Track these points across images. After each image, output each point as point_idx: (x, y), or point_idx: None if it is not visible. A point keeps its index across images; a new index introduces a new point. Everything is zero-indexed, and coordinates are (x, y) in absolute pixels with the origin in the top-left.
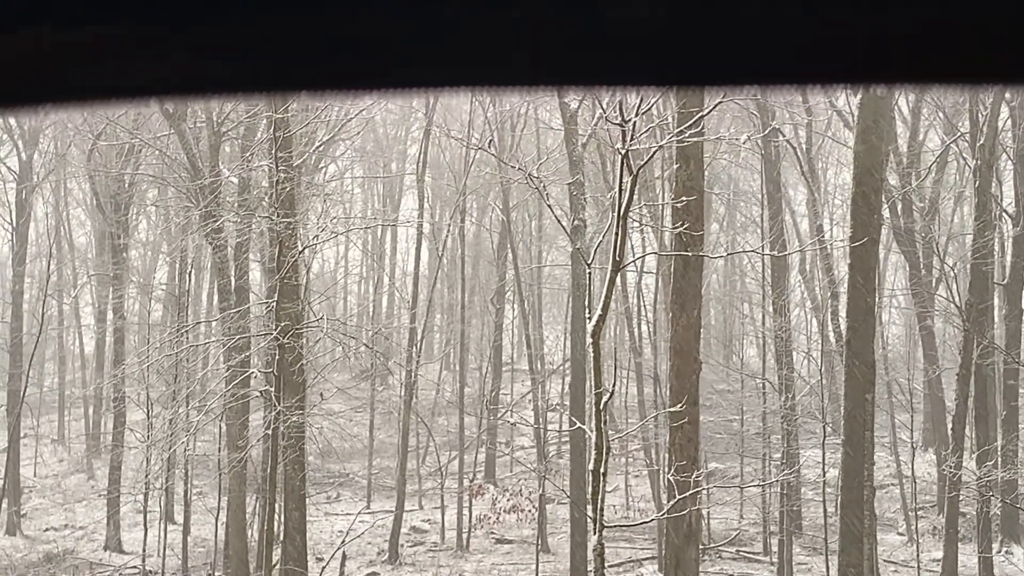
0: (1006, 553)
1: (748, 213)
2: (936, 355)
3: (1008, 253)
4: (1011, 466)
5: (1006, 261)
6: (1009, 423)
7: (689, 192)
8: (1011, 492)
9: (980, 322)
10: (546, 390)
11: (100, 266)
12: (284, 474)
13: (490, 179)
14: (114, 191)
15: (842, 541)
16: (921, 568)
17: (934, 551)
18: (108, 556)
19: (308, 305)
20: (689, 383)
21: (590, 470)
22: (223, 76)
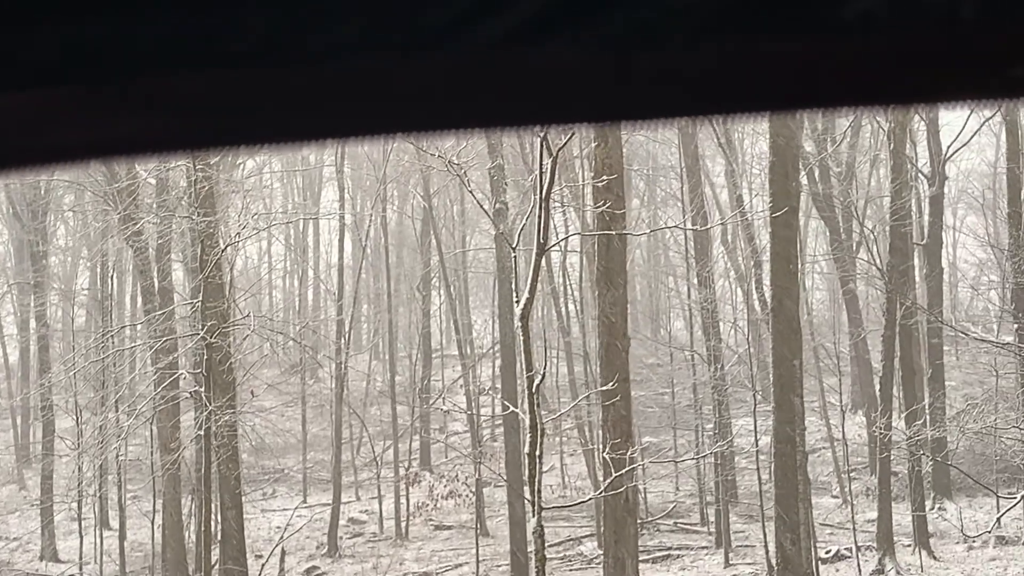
0: (939, 509)
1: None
2: (860, 318)
3: (926, 213)
4: (939, 424)
5: (924, 221)
6: (935, 381)
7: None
8: (941, 449)
9: (902, 283)
10: (477, 374)
11: (20, 274)
12: (218, 473)
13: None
14: (30, 198)
15: (777, 507)
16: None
17: (868, 512)
18: (44, 566)
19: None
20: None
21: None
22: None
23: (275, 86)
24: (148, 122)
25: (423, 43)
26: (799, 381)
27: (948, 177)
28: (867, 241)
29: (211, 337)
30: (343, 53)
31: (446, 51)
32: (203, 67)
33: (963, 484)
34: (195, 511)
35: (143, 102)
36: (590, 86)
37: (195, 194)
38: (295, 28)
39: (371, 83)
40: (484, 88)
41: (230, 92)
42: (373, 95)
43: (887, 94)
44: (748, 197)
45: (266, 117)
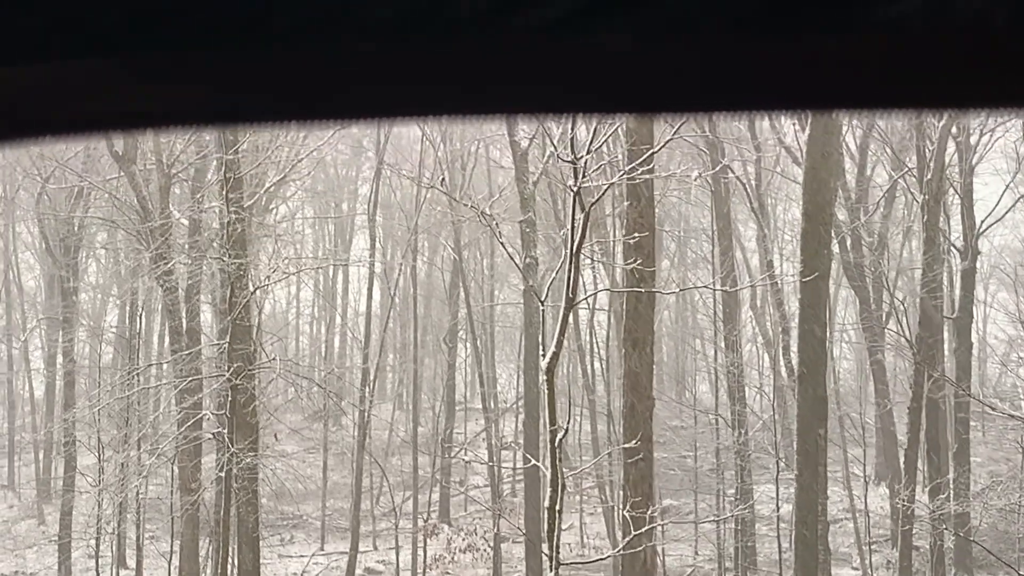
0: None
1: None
2: (887, 389)
3: (957, 287)
4: (963, 499)
5: (955, 295)
6: (960, 456)
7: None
8: (963, 525)
9: (930, 356)
10: (500, 428)
11: (50, 310)
12: (237, 517)
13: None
14: (63, 234)
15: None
16: None
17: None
18: None
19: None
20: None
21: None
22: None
23: (315, 65)
24: (190, 94)
25: (464, 28)
26: (823, 450)
27: (981, 252)
28: (897, 312)
29: (236, 379)
30: (386, 34)
31: (486, 36)
32: (247, 44)
33: (985, 561)
34: (212, 553)
35: (188, 75)
36: (628, 75)
37: (227, 236)
38: (338, 9)
39: (410, 65)
40: (521, 74)
41: (272, 70)
42: (412, 77)
43: (917, 98)
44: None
45: (305, 95)
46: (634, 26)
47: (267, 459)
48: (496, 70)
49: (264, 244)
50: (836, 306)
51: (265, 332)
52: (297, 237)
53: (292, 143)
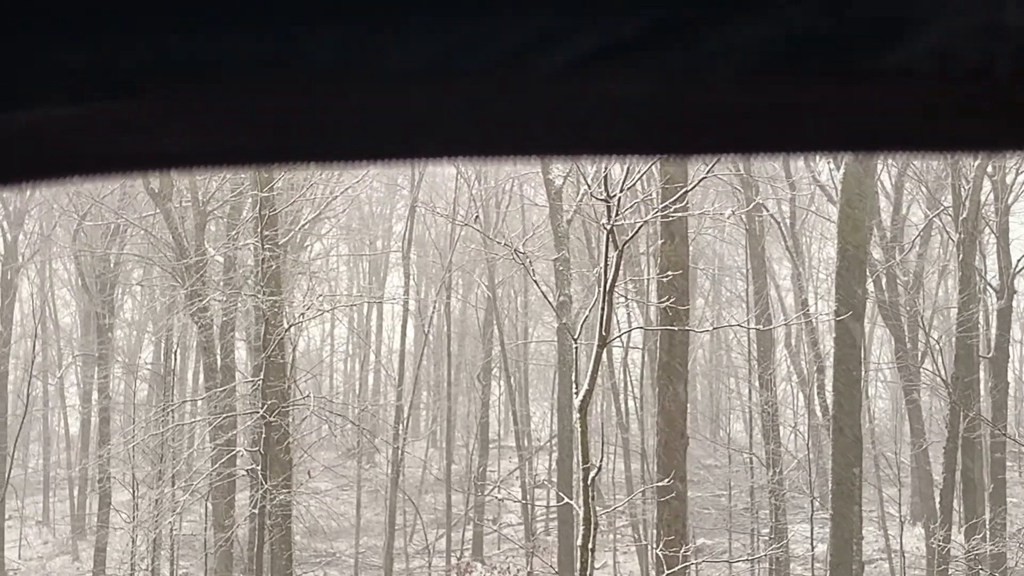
0: None
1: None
2: (923, 428)
3: (993, 326)
4: (999, 539)
5: (991, 334)
6: (997, 496)
7: (674, 267)
8: (999, 566)
9: (966, 395)
10: (533, 466)
11: (85, 346)
12: (271, 554)
13: (476, 255)
14: (99, 271)
15: None
16: None
17: None
18: None
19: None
20: (676, 458)
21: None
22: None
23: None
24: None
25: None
26: (858, 490)
27: (1017, 291)
28: (932, 351)
29: (270, 416)
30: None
31: (499, 83)
32: (269, 86)
33: None
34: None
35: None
36: (639, 121)
37: (262, 273)
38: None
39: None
40: (535, 119)
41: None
42: (425, 121)
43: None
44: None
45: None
46: (643, 73)
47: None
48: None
49: (299, 281)
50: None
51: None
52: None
53: (327, 181)
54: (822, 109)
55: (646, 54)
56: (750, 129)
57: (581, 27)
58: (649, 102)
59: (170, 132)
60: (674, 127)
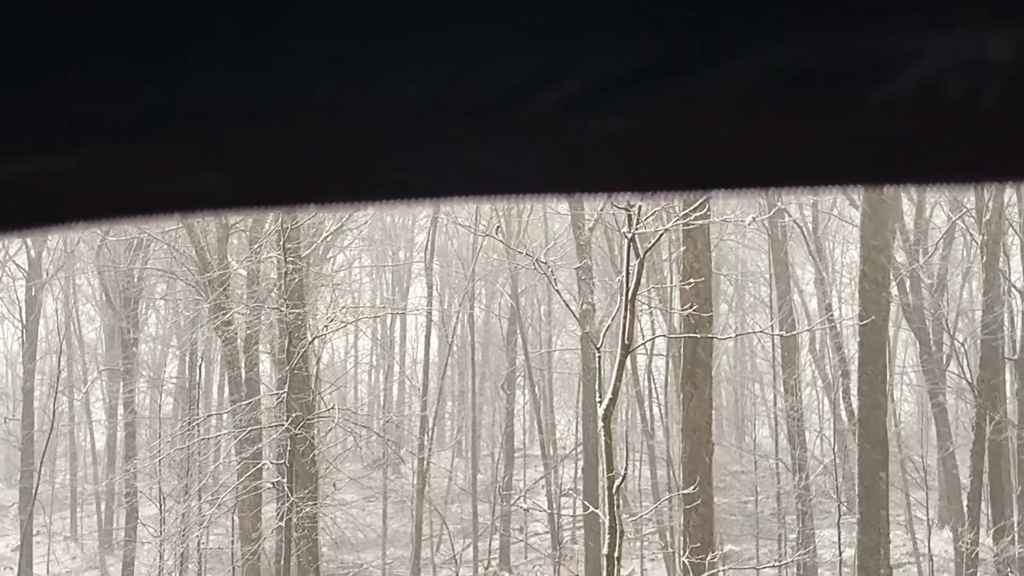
0: None
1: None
2: (949, 432)
3: (1018, 328)
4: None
5: (1016, 336)
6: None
7: (697, 274)
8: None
9: (992, 398)
10: (559, 475)
11: (110, 361)
12: (298, 566)
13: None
14: (123, 286)
15: None
16: None
17: None
18: None
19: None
20: (703, 465)
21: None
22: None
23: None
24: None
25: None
26: (885, 494)
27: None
28: (957, 354)
29: (295, 429)
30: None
31: (498, 120)
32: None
33: None
34: None
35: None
36: (633, 158)
37: (285, 286)
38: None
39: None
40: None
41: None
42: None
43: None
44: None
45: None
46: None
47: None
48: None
49: (322, 293)
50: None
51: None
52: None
53: None
54: (811, 143)
55: (637, 91)
56: (741, 164)
57: (571, 66)
58: (642, 139)
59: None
60: (667, 163)
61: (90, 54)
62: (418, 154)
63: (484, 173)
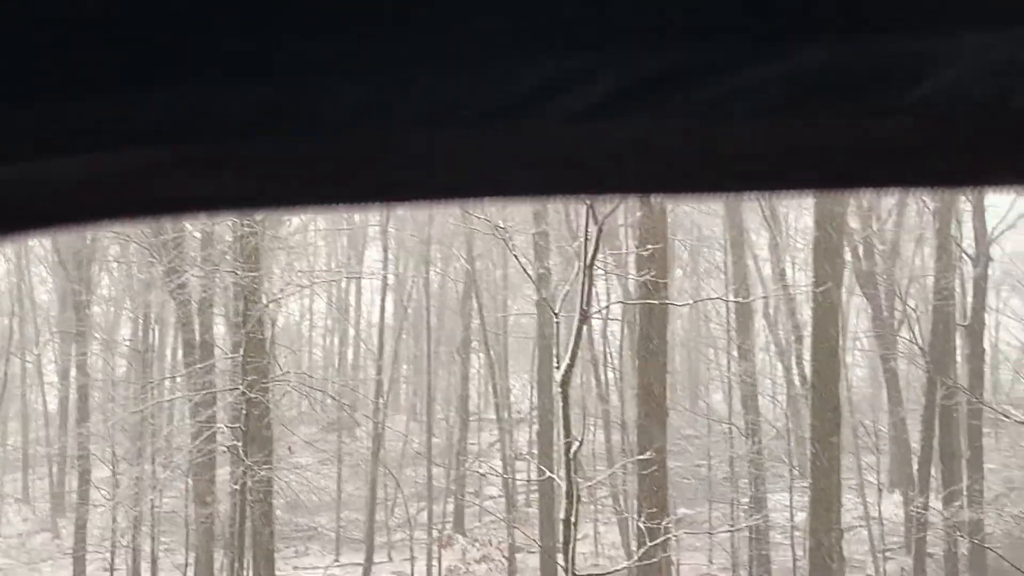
0: None
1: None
2: (900, 397)
3: (969, 294)
4: (977, 506)
5: (967, 302)
6: (974, 463)
7: (653, 239)
8: (978, 532)
9: (943, 363)
10: (514, 439)
11: (63, 323)
12: (252, 529)
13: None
14: (76, 248)
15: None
16: None
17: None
18: None
19: (274, 359)
20: (657, 429)
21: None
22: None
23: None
24: (241, 182)
25: (495, 118)
26: (837, 458)
27: (992, 259)
28: (909, 320)
29: (251, 392)
30: (425, 124)
31: (521, 124)
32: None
33: (998, 568)
34: (227, 566)
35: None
36: (658, 161)
37: (240, 249)
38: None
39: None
40: (553, 160)
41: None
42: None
43: (939, 176)
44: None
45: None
46: (661, 113)
47: (281, 471)
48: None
49: (277, 257)
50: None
51: (278, 345)
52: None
53: None
54: (837, 146)
55: (663, 94)
56: (770, 166)
57: (598, 69)
58: (668, 142)
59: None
60: (694, 166)
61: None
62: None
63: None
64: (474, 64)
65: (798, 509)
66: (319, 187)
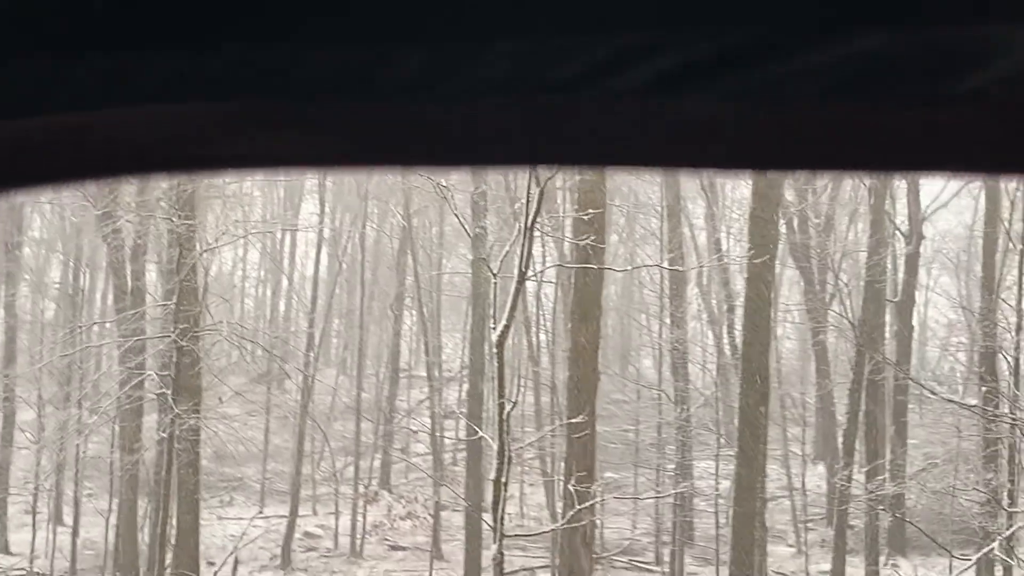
0: (892, 566)
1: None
2: (829, 370)
3: (900, 271)
4: (899, 480)
5: (898, 279)
6: (898, 438)
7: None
8: (899, 506)
9: (872, 338)
10: (443, 397)
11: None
12: (177, 478)
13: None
14: None
15: (733, 552)
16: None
17: (823, 563)
18: None
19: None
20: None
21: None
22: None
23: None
24: (308, 141)
25: (556, 90)
26: (763, 428)
27: (925, 237)
28: (841, 294)
29: (182, 340)
30: (490, 93)
31: (577, 98)
32: (361, 97)
33: (919, 542)
34: (151, 513)
35: (306, 124)
36: (714, 138)
37: (176, 197)
38: (441, 68)
39: (504, 122)
40: (611, 134)
41: (381, 121)
42: (504, 132)
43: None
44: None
45: (411, 146)
46: (719, 92)
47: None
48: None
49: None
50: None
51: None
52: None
53: None
54: (893, 131)
55: (722, 74)
56: (824, 148)
57: (658, 46)
58: (724, 120)
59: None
60: (749, 145)
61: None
62: (501, 126)
63: (566, 147)
64: (533, 38)
65: (723, 477)
66: (379, 152)
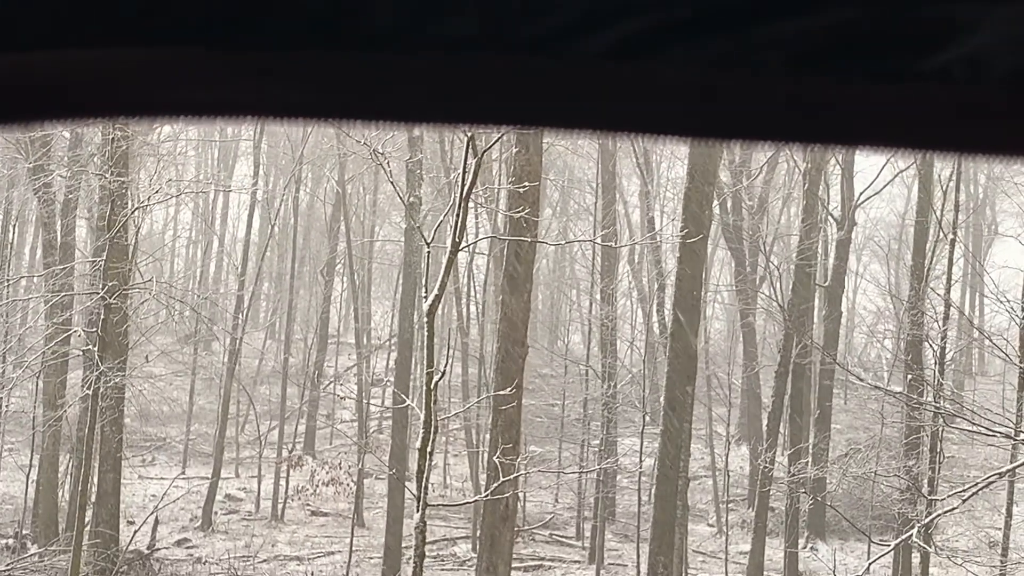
0: (811, 548)
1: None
2: (756, 352)
3: (831, 256)
4: (821, 464)
5: (829, 264)
6: (822, 422)
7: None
8: (820, 490)
9: (800, 322)
10: (371, 365)
11: None
12: (101, 435)
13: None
14: None
15: (654, 530)
16: (729, 560)
17: (742, 544)
18: None
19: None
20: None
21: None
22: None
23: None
24: (271, 91)
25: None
26: (689, 407)
27: (857, 223)
28: (771, 277)
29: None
30: (458, 48)
31: (549, 57)
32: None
33: (838, 526)
34: (72, 470)
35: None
36: (682, 104)
37: (110, 153)
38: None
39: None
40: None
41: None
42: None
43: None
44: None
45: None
46: (690, 57)
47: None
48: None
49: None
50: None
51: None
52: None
53: None
54: (860, 105)
55: (694, 39)
56: (790, 119)
57: (632, 8)
58: (693, 86)
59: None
60: (716, 112)
61: None
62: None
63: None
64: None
65: (647, 455)
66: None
